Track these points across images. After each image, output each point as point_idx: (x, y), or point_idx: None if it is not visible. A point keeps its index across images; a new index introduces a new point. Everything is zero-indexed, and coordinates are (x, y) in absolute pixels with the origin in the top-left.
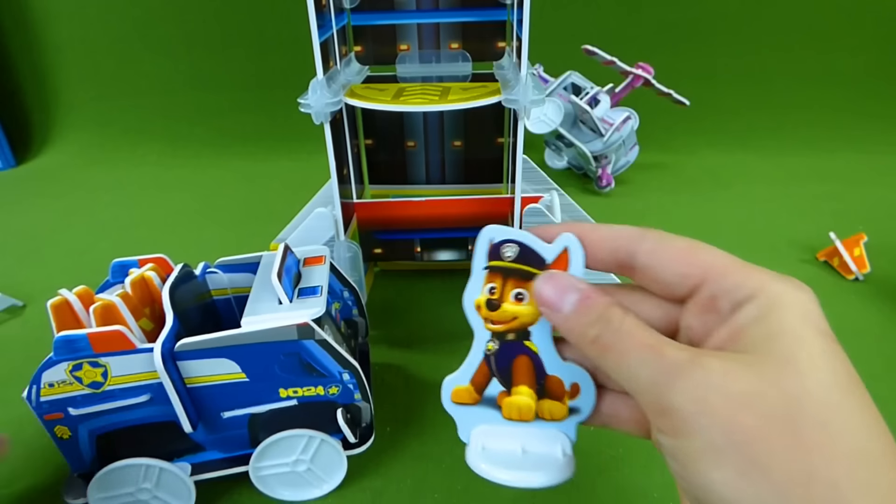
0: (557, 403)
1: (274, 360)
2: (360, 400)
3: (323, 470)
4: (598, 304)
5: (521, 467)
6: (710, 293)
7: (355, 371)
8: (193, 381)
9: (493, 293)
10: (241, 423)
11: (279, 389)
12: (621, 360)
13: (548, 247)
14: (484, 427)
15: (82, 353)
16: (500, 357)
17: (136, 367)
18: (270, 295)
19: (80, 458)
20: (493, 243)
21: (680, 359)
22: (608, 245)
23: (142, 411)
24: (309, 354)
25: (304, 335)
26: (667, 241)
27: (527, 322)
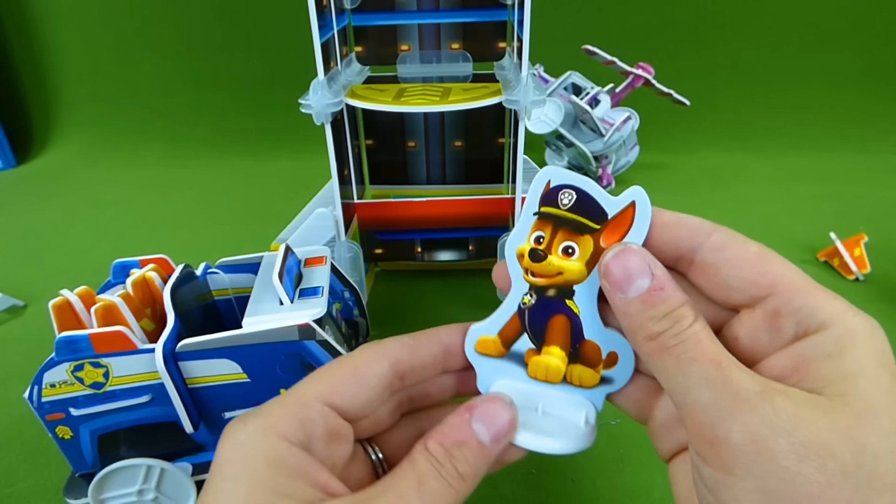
0: (589, 370)
1: (275, 360)
2: None
3: None
4: (672, 299)
5: (538, 429)
6: (774, 308)
7: None
8: (195, 381)
9: (540, 243)
10: None
11: (280, 390)
12: (680, 368)
13: (612, 199)
14: (505, 381)
15: (84, 354)
16: (535, 313)
17: (138, 368)
18: (271, 295)
19: (81, 458)
20: (550, 187)
21: (748, 389)
22: (672, 232)
23: (143, 411)
24: (310, 355)
25: (306, 336)
26: (738, 241)
27: (572, 280)
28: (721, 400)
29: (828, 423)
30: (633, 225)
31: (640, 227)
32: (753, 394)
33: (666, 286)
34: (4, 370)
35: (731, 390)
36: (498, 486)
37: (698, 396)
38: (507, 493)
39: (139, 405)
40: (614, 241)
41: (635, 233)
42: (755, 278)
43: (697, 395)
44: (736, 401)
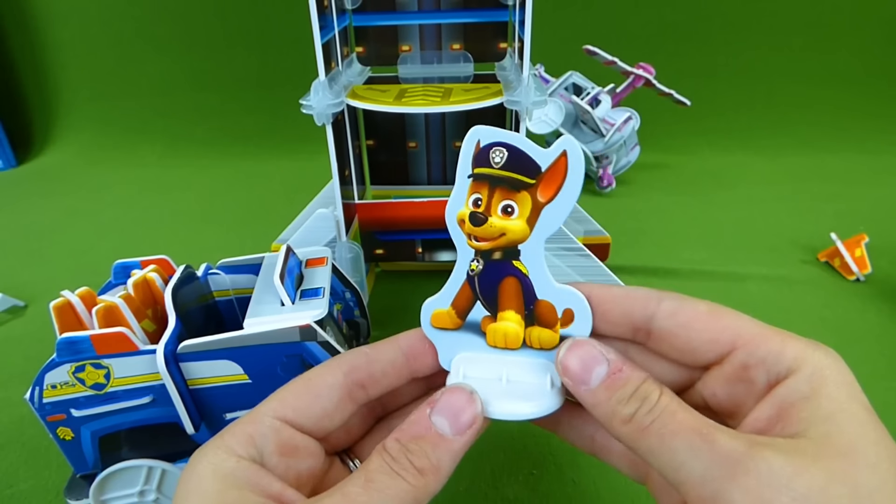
0: (547, 331)
1: (276, 361)
2: None
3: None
4: (632, 378)
5: (505, 398)
6: (741, 362)
7: None
8: (196, 382)
9: (479, 205)
10: None
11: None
12: (664, 445)
13: (543, 151)
14: (466, 354)
15: (85, 355)
16: (484, 278)
17: (139, 369)
18: (273, 297)
19: (82, 459)
20: (480, 147)
21: (736, 450)
22: (621, 307)
23: (144, 412)
24: (311, 356)
25: (307, 337)
26: (687, 303)
27: (516, 239)
28: (714, 469)
29: (820, 469)
30: (575, 322)
31: (582, 319)
32: (742, 455)
33: (623, 367)
34: (5, 371)
35: (720, 456)
36: (498, 487)
37: (691, 470)
38: (507, 494)
39: (140, 406)
40: (550, 194)
41: (580, 324)
42: (715, 336)
43: (690, 468)
44: (729, 465)
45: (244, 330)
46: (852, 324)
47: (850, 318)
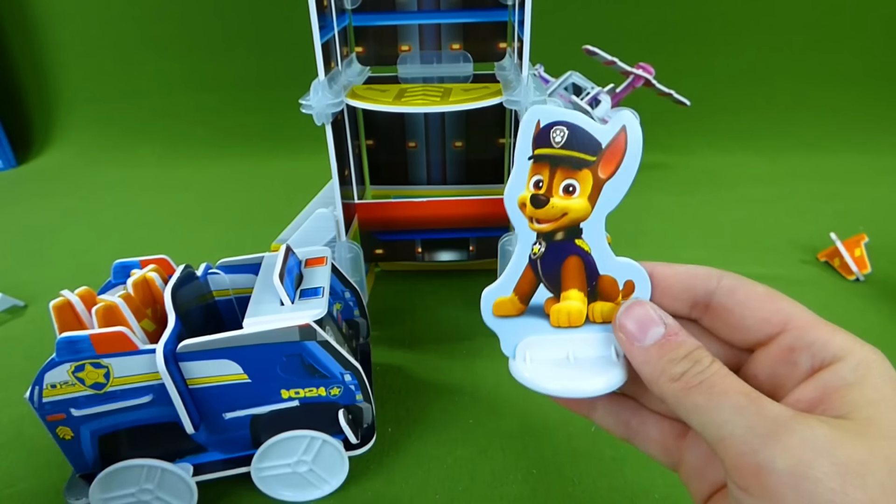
0: (609, 304)
1: (276, 361)
2: (361, 401)
3: (325, 470)
4: (687, 342)
5: (572, 376)
6: (788, 344)
7: (357, 372)
8: (195, 382)
9: (540, 187)
10: (244, 424)
11: (281, 390)
12: (711, 402)
13: (602, 128)
14: (531, 338)
15: (85, 355)
16: (547, 260)
17: (139, 369)
18: (272, 296)
19: (82, 458)
20: (540, 127)
21: (782, 414)
22: (683, 282)
23: (144, 412)
24: (311, 356)
25: (306, 336)
26: (746, 283)
27: (578, 218)
28: (758, 427)
29: (863, 445)
30: (636, 289)
31: (643, 288)
32: (788, 418)
33: (679, 332)
34: (5, 371)
35: (767, 418)
36: (499, 486)
37: (734, 427)
38: (508, 493)
39: (140, 406)
40: (611, 170)
41: (640, 294)
42: (769, 316)
43: (733, 426)
44: (773, 425)
45: (243, 329)
46: (852, 324)
47: (849, 317)
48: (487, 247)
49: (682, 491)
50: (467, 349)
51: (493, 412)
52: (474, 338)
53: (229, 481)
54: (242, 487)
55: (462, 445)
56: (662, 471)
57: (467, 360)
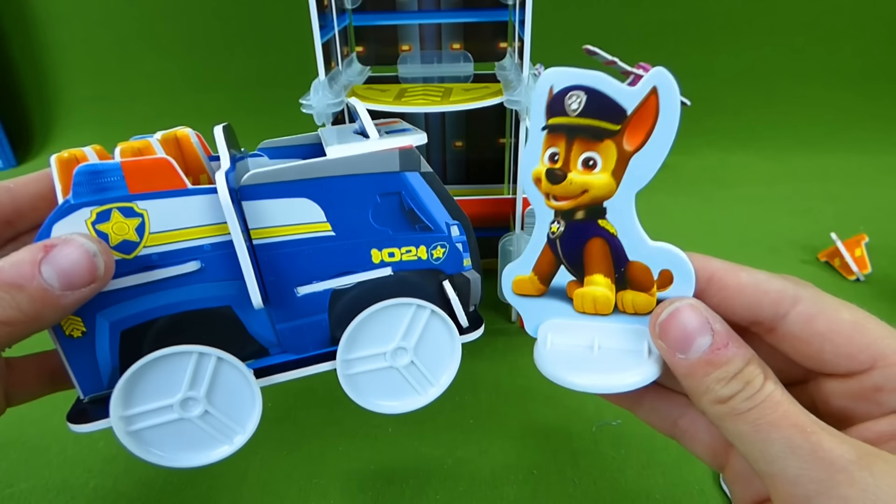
0: (642, 295)
1: (369, 202)
2: (469, 268)
3: (429, 365)
4: (737, 357)
5: (597, 369)
6: (875, 383)
7: (466, 224)
8: (261, 234)
9: (556, 160)
10: (321, 303)
11: (372, 250)
12: (758, 434)
13: (628, 90)
14: (554, 321)
15: (113, 195)
16: (567, 241)
17: (186, 219)
18: (351, 137)
19: (94, 369)
20: (553, 93)
21: (842, 457)
22: (747, 298)
23: (188, 291)
24: (413, 195)
25: (409, 165)
26: (828, 309)
27: (600, 196)
28: (813, 471)
29: None
30: (675, 281)
31: (684, 280)
32: (849, 462)
33: (730, 343)
34: None
35: (823, 459)
36: (499, 486)
37: (785, 466)
38: (508, 494)
39: (183, 278)
40: (639, 140)
41: (681, 286)
42: (854, 353)
43: (784, 464)
44: (830, 471)
45: (330, 156)
46: None
47: None
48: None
49: (683, 491)
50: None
51: (493, 412)
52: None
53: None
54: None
55: (462, 445)
56: (663, 471)
57: (467, 360)
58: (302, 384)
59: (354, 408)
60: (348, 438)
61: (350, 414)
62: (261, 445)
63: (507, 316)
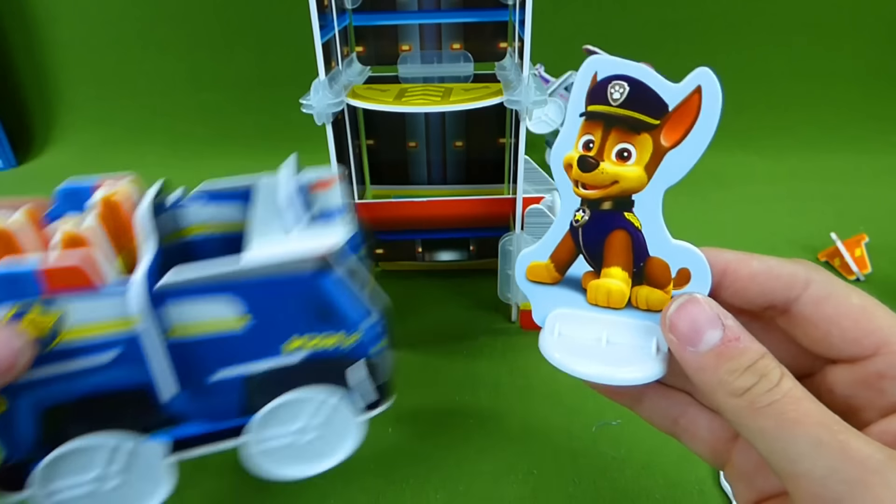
0: (657, 291)
1: (286, 298)
2: (380, 352)
3: (335, 437)
4: (750, 349)
5: (604, 360)
6: (878, 370)
7: (378, 315)
8: (179, 331)
9: (590, 148)
10: (234, 386)
11: (285, 340)
12: (783, 430)
13: (673, 86)
14: (563, 310)
15: (29, 296)
16: (589, 230)
17: (102, 314)
18: (275, 221)
19: (18, 439)
20: (597, 80)
21: (872, 457)
22: (761, 285)
23: (105, 375)
24: (326, 293)
25: (322, 270)
26: (838, 293)
27: (630, 188)
28: (843, 471)
29: None
30: (692, 280)
31: (701, 279)
32: (880, 463)
33: (741, 336)
34: None
35: (854, 459)
36: (499, 486)
37: (813, 466)
38: (508, 493)
39: (101, 366)
40: (677, 137)
41: (697, 286)
42: (860, 338)
43: (811, 464)
44: (862, 472)
45: (251, 257)
46: None
47: None
48: (488, 247)
49: (682, 491)
50: (467, 349)
51: (493, 412)
52: (474, 338)
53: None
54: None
55: (462, 445)
56: (663, 471)
57: (467, 360)
58: None
59: None
60: None
61: None
62: None
63: (507, 316)
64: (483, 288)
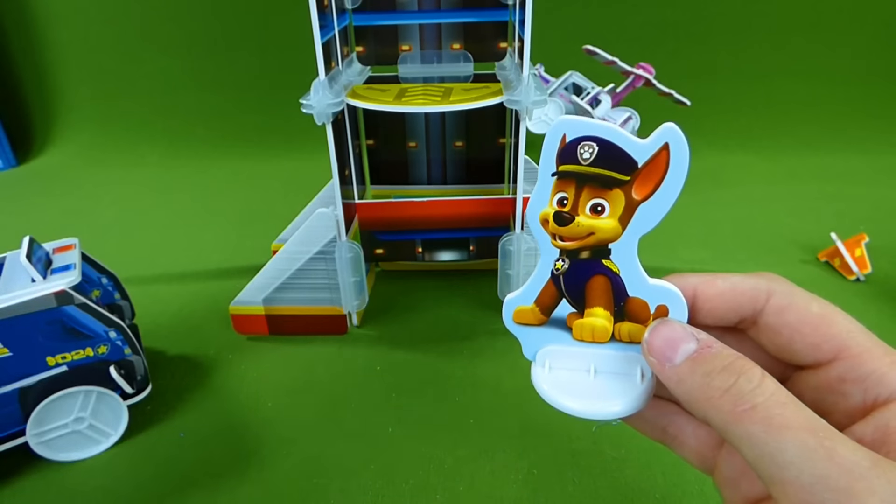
0: (638, 325)
1: (36, 330)
2: (130, 355)
3: (105, 423)
4: (724, 353)
5: (592, 393)
6: (838, 374)
7: (121, 328)
8: None
9: (564, 204)
10: (11, 399)
11: (46, 358)
12: (770, 435)
13: (640, 143)
14: (552, 347)
15: None
16: (570, 277)
17: None
18: (22, 277)
19: None
20: (566, 141)
21: (859, 464)
22: (728, 302)
23: None
24: (72, 319)
25: (64, 302)
26: (798, 301)
27: (606, 238)
28: (831, 479)
29: None
30: (670, 314)
31: (678, 313)
32: (866, 469)
33: (714, 344)
34: None
35: (841, 466)
36: (499, 486)
37: (800, 473)
38: (508, 493)
39: None
40: (647, 191)
41: (676, 316)
42: (819, 343)
43: (799, 470)
44: (849, 479)
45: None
46: None
47: None
48: (488, 247)
49: (682, 491)
50: (467, 349)
51: (493, 412)
52: (474, 338)
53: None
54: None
55: (462, 445)
56: (662, 471)
57: (467, 360)
58: (302, 382)
59: (355, 407)
60: (348, 438)
61: (350, 414)
62: (261, 445)
63: None
64: (483, 288)
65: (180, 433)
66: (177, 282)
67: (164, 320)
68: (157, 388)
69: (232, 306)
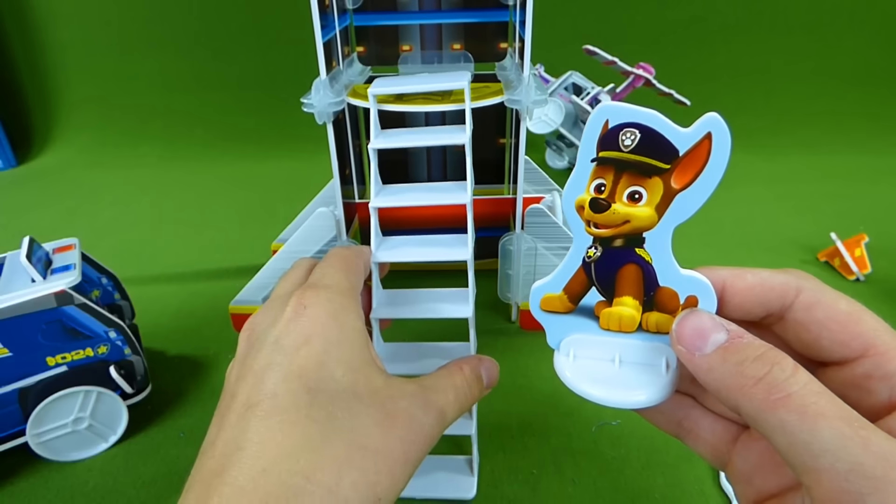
0: (666, 316)
1: (36, 330)
2: (130, 355)
3: (105, 423)
4: (755, 343)
5: (616, 382)
6: (865, 371)
7: (121, 328)
8: None
9: (602, 191)
10: (11, 399)
11: (46, 358)
12: (806, 423)
13: (684, 132)
14: (577, 335)
15: None
16: (602, 265)
17: None
18: (22, 277)
19: None
20: (608, 127)
21: (894, 452)
22: (757, 297)
23: None
24: (71, 319)
25: (64, 302)
26: (827, 298)
27: (641, 227)
28: (866, 466)
29: None
30: (700, 305)
31: (708, 304)
32: None
33: (745, 335)
34: None
35: (877, 454)
36: (499, 486)
37: (837, 461)
38: (508, 493)
39: None
40: (686, 180)
41: (705, 307)
42: (847, 340)
43: (835, 458)
44: (885, 467)
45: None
46: None
47: None
48: (488, 247)
49: (682, 491)
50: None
51: (494, 412)
52: None
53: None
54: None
55: (462, 446)
56: (662, 471)
57: None
58: None
59: None
60: None
61: None
62: None
63: (506, 316)
64: (483, 288)
65: (180, 433)
66: (177, 282)
67: (164, 320)
68: (157, 388)
69: (232, 306)
